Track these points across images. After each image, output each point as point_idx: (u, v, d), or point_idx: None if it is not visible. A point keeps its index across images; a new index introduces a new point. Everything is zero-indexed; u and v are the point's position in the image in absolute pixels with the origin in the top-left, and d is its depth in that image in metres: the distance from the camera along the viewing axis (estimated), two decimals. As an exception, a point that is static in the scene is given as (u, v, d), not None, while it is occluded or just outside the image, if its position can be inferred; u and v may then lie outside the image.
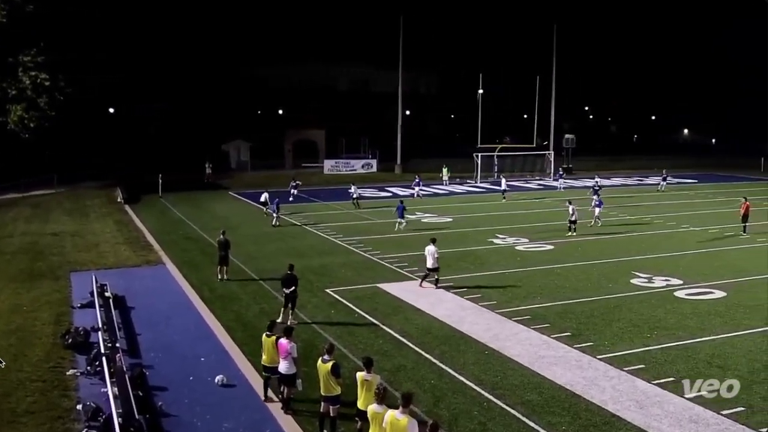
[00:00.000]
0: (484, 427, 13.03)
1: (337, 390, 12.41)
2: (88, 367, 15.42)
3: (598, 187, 46.23)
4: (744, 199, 34.21)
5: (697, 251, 29.08)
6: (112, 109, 76.22)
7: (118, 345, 16.01)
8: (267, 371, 14.18)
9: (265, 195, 39.31)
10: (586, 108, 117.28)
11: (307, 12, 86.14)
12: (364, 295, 22.01)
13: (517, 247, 30.04)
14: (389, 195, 49.93)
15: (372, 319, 19.45)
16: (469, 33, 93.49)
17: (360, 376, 11.86)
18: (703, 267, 25.86)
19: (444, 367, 15.91)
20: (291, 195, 45.05)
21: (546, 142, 71.36)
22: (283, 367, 13.53)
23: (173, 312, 20.43)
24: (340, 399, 12.48)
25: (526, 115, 77.52)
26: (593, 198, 38.61)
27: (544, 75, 66.17)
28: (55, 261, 27.42)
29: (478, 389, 14.65)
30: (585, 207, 37.94)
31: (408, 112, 74.18)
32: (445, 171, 57.20)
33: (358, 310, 20.30)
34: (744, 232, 32.72)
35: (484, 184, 57.37)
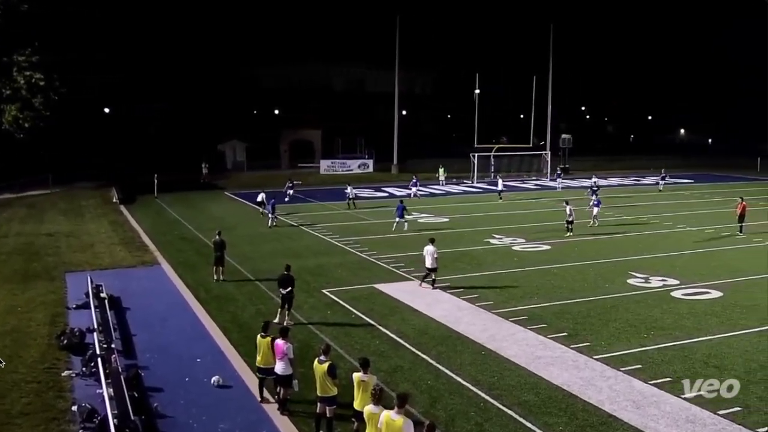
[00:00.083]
0: (480, 427, 13.00)
1: (333, 391, 12.37)
2: (84, 368, 15.37)
3: (596, 187, 46.29)
4: (740, 199, 34.27)
5: (694, 251, 29.11)
6: (107, 109, 76.00)
7: (113, 346, 15.95)
8: (261, 372, 14.13)
9: (262, 195, 39.24)
10: (583, 108, 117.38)
11: (304, 12, 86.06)
12: (361, 295, 21.97)
13: (513, 247, 30.03)
14: (386, 195, 49.92)
15: (368, 320, 19.42)
16: (465, 32, 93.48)
17: (356, 376, 11.84)
18: (699, 267, 25.88)
19: (441, 367, 15.88)
20: (287, 195, 44.99)
21: (543, 142, 71.40)
22: (280, 368, 13.49)
23: (169, 313, 20.37)
24: (336, 400, 12.44)
25: (522, 115, 77.49)
26: (591, 198, 38.64)
27: (540, 75, 66.23)
28: (50, 262, 27.31)
29: (475, 390, 14.62)
30: (582, 207, 38.01)
31: (404, 112, 74.15)
32: (441, 171, 57.15)
33: (354, 311, 20.26)
34: (740, 232, 32.77)
35: (480, 184, 57.34)
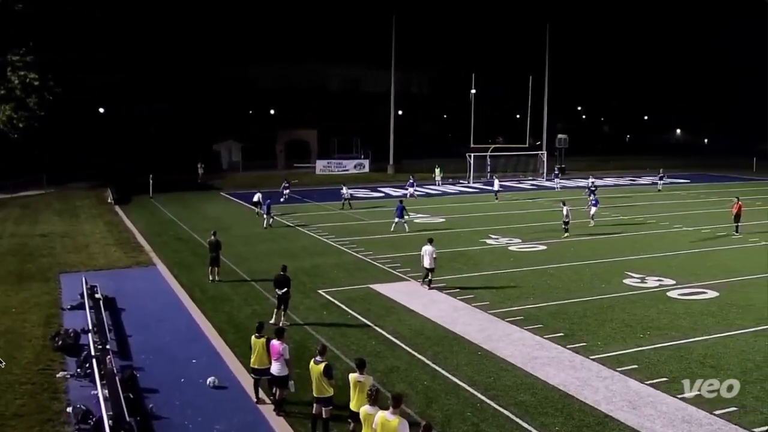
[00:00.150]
0: (477, 428, 12.98)
1: (329, 391, 12.34)
2: (78, 370, 15.30)
3: (594, 187, 46.30)
4: (736, 199, 34.30)
5: (690, 251, 29.14)
6: (101, 109, 75.85)
7: (108, 347, 15.88)
8: (256, 373, 14.07)
9: (259, 195, 39.14)
10: (579, 108, 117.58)
11: (299, 12, 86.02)
12: (357, 296, 21.93)
13: (510, 247, 30.02)
14: (382, 195, 49.90)
15: (365, 320, 19.37)
16: (461, 32, 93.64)
17: (353, 377, 11.81)
18: (695, 267, 25.90)
19: (437, 368, 15.85)
20: (282, 196, 44.90)
21: (539, 142, 71.43)
22: (276, 368, 13.43)
23: (164, 313, 20.30)
24: (332, 400, 12.41)
25: (518, 115, 77.60)
26: (589, 198, 38.68)
27: (537, 75, 66.21)
28: (45, 262, 27.19)
29: (471, 390, 14.60)
30: (579, 207, 38.01)
31: (400, 112, 74.10)
32: (437, 171, 57.11)
33: (350, 311, 20.22)
34: (736, 232, 32.82)
35: (476, 185, 57.34)
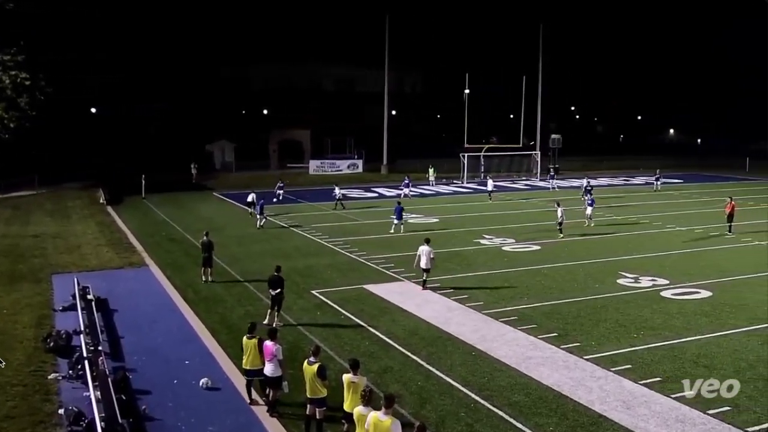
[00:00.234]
0: (471, 428, 12.95)
1: (323, 392, 12.29)
2: (70, 371, 15.21)
3: (590, 187, 46.35)
4: (729, 199, 34.43)
5: (683, 251, 29.21)
6: (93, 109, 75.59)
7: (100, 348, 15.78)
8: (248, 374, 14.02)
9: (253, 195, 39.04)
10: (573, 108, 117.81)
11: (292, 12, 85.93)
12: (350, 296, 21.88)
13: (504, 247, 30.02)
14: (375, 195, 49.85)
15: (358, 321, 19.33)
16: (454, 32, 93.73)
17: (346, 378, 11.77)
18: (689, 267, 25.96)
19: (431, 368, 15.82)
20: (276, 196, 44.80)
21: (532, 142, 71.54)
22: (269, 369, 13.38)
23: (157, 314, 20.20)
24: (326, 401, 12.36)
25: (512, 115, 77.74)
26: (585, 198, 38.70)
27: (530, 75, 66.33)
28: (36, 263, 27.02)
29: (465, 390, 14.58)
30: (573, 207, 38.05)
31: (394, 112, 74.09)
32: (431, 171, 57.06)
33: (344, 312, 20.17)
34: (729, 232, 32.92)
35: (470, 185, 57.36)
